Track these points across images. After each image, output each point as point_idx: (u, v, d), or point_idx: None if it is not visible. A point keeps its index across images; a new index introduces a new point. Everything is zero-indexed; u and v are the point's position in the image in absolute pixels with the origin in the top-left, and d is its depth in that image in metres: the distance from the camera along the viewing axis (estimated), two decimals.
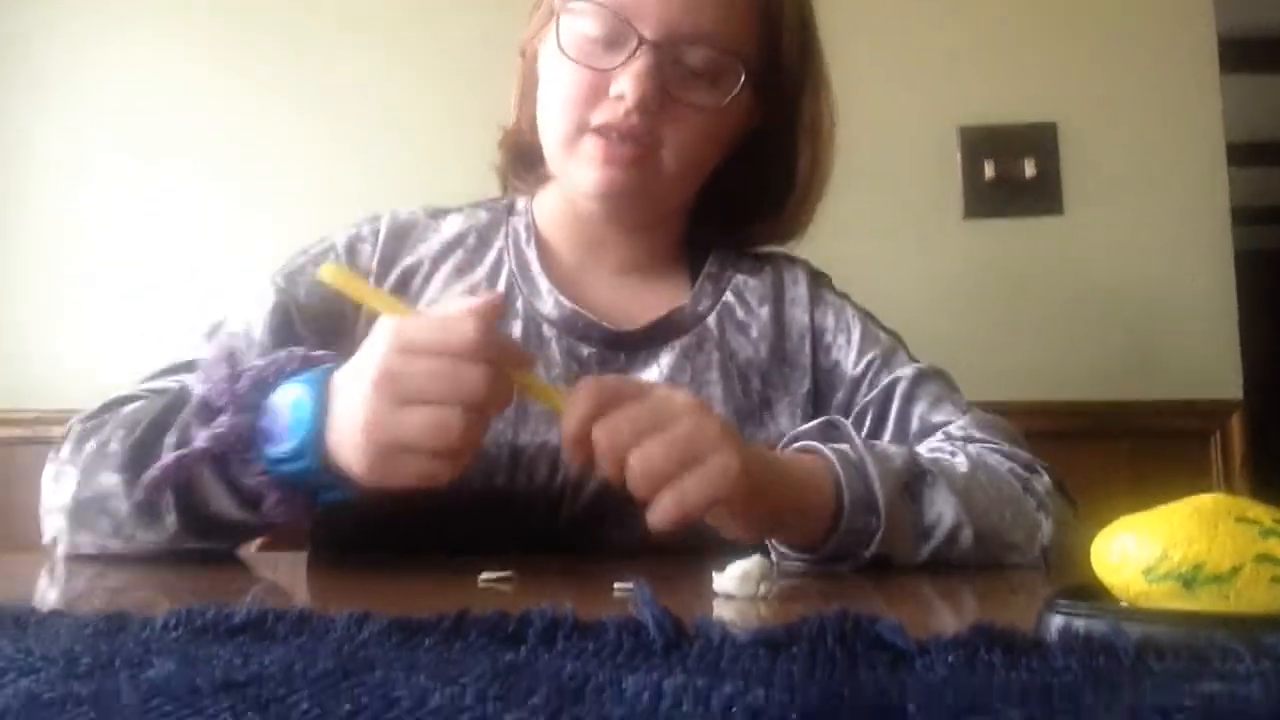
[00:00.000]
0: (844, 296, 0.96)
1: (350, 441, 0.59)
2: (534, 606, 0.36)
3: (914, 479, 0.70)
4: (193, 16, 1.62)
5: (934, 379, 0.88)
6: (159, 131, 1.61)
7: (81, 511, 0.69)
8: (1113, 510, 0.40)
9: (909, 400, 0.86)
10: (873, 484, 0.66)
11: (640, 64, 0.77)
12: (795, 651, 0.32)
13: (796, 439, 0.74)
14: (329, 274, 0.64)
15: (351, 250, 0.88)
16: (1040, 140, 1.51)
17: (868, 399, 0.88)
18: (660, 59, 0.78)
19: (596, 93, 0.80)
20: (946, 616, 0.55)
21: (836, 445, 0.69)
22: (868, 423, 0.87)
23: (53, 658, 0.31)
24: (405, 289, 0.88)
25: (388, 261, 0.88)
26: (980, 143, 1.52)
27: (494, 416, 0.62)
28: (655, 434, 0.59)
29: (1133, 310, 1.48)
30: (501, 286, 0.89)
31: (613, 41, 0.79)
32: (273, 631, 0.36)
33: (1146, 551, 0.37)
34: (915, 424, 0.85)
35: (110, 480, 0.67)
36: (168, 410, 0.67)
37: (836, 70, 1.50)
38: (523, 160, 0.93)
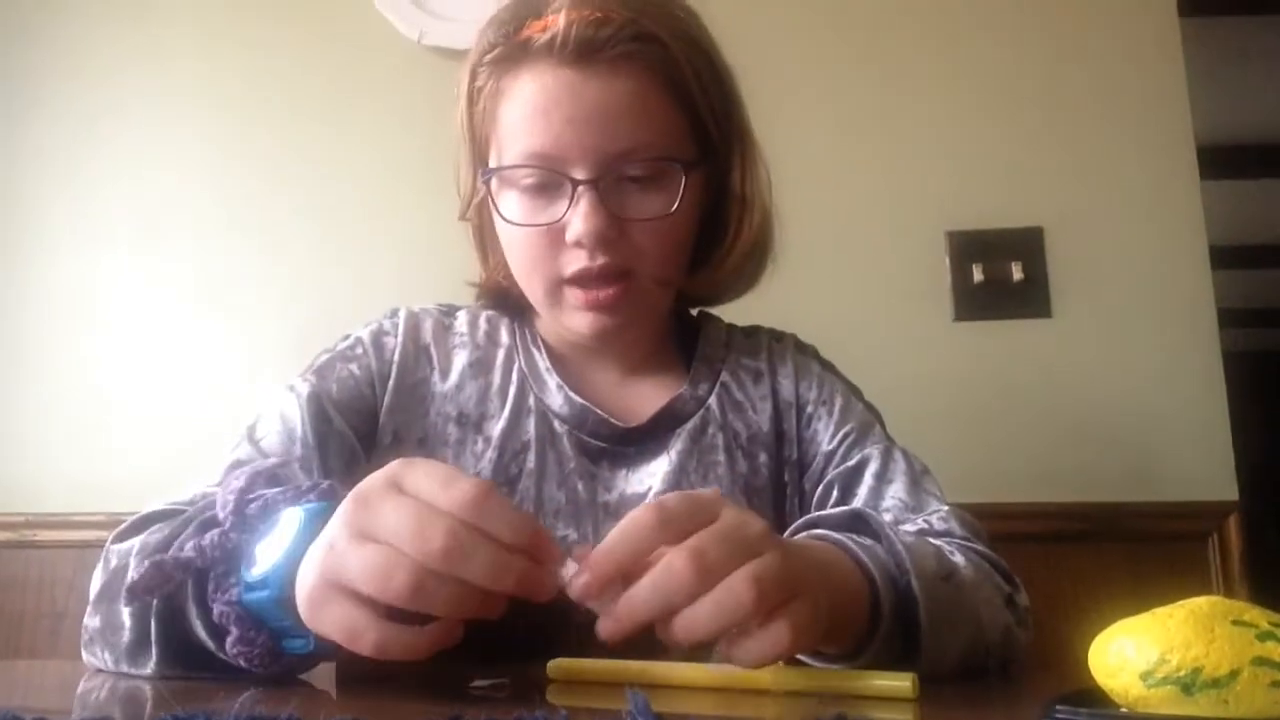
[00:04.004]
0: (829, 368, 0.97)
1: (302, 569, 0.54)
2: (526, 714, 0.35)
3: (948, 575, 0.68)
4: (199, 106, 1.65)
5: (908, 459, 0.88)
6: (159, 223, 1.62)
7: (95, 636, 0.67)
8: (1114, 613, 0.40)
9: (881, 479, 0.86)
10: (916, 597, 0.64)
11: (584, 205, 0.79)
12: None
13: (817, 524, 0.73)
14: (555, 671, 0.63)
15: (377, 344, 0.90)
16: (1027, 244, 1.54)
17: (837, 472, 0.88)
18: (600, 190, 0.80)
19: (556, 245, 0.82)
20: None
21: (865, 541, 0.67)
22: (834, 494, 0.87)
23: None
24: (425, 384, 0.89)
25: (409, 355, 0.90)
26: (968, 246, 1.54)
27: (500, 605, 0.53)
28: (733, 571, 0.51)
29: (1125, 412, 1.49)
30: (515, 382, 0.90)
31: (550, 187, 0.81)
32: None
33: (1144, 655, 0.37)
34: (889, 502, 0.84)
35: (122, 612, 0.64)
36: (177, 534, 0.63)
37: (829, 175, 1.55)
38: (508, 303, 0.95)
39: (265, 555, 0.56)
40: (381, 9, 1.63)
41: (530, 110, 0.80)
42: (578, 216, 0.79)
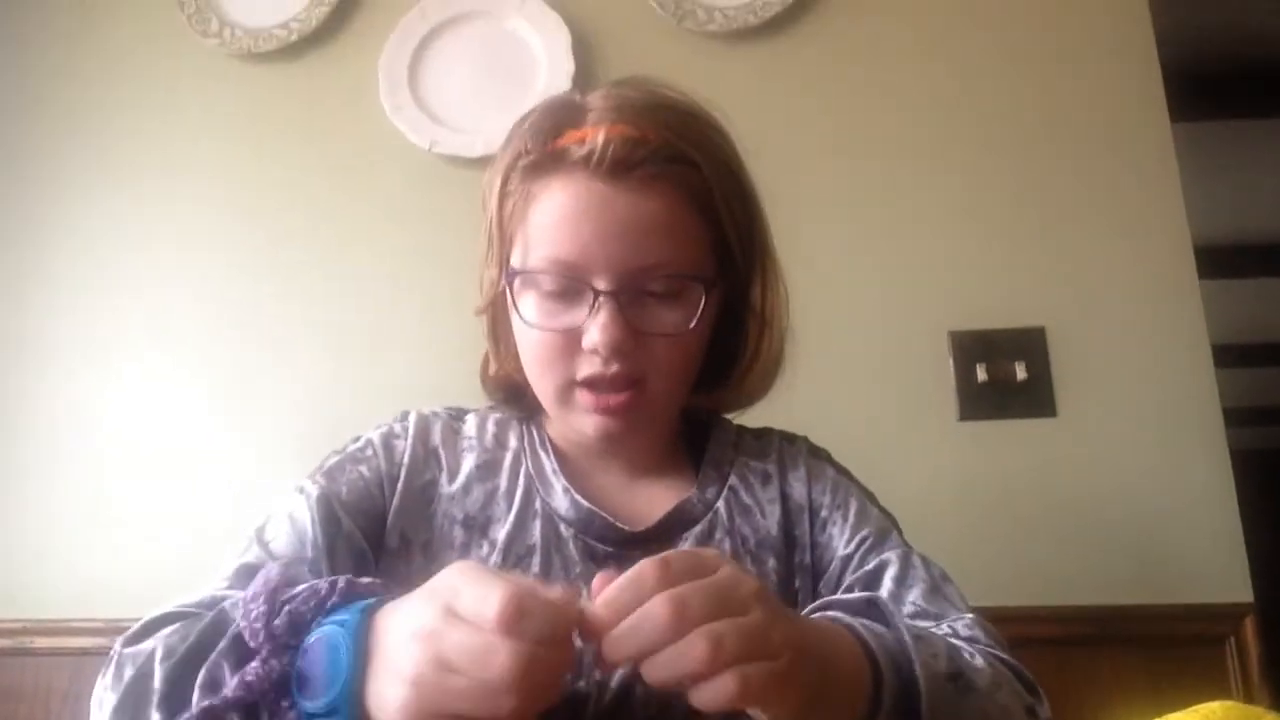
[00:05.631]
0: (844, 472, 0.97)
1: (394, 694, 0.55)
2: None
3: (954, 674, 0.68)
4: (211, 214, 1.69)
5: (928, 566, 0.88)
6: (167, 330, 1.64)
7: None
8: (1134, 719, 0.39)
9: (901, 584, 0.85)
10: (918, 683, 0.64)
11: (604, 315, 0.81)
12: None
13: (831, 606, 0.72)
14: None
15: (387, 446, 0.91)
16: (1030, 344, 1.54)
17: (855, 577, 0.87)
18: (620, 303, 0.81)
19: (571, 349, 0.83)
20: None
21: (875, 627, 0.67)
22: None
23: None
24: (433, 486, 0.89)
25: (418, 458, 0.90)
26: (971, 346, 1.55)
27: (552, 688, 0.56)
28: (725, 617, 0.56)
29: (1133, 511, 1.48)
30: (521, 485, 0.90)
31: (571, 294, 0.83)
32: None
33: None
34: (909, 609, 0.83)
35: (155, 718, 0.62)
36: (202, 641, 0.63)
37: (832, 278, 1.57)
38: (516, 398, 0.96)
39: (323, 680, 0.57)
40: (394, 120, 1.67)
41: (559, 218, 0.82)
42: (596, 325, 0.80)
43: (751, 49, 1.68)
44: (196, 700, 0.59)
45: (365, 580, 0.64)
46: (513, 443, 0.94)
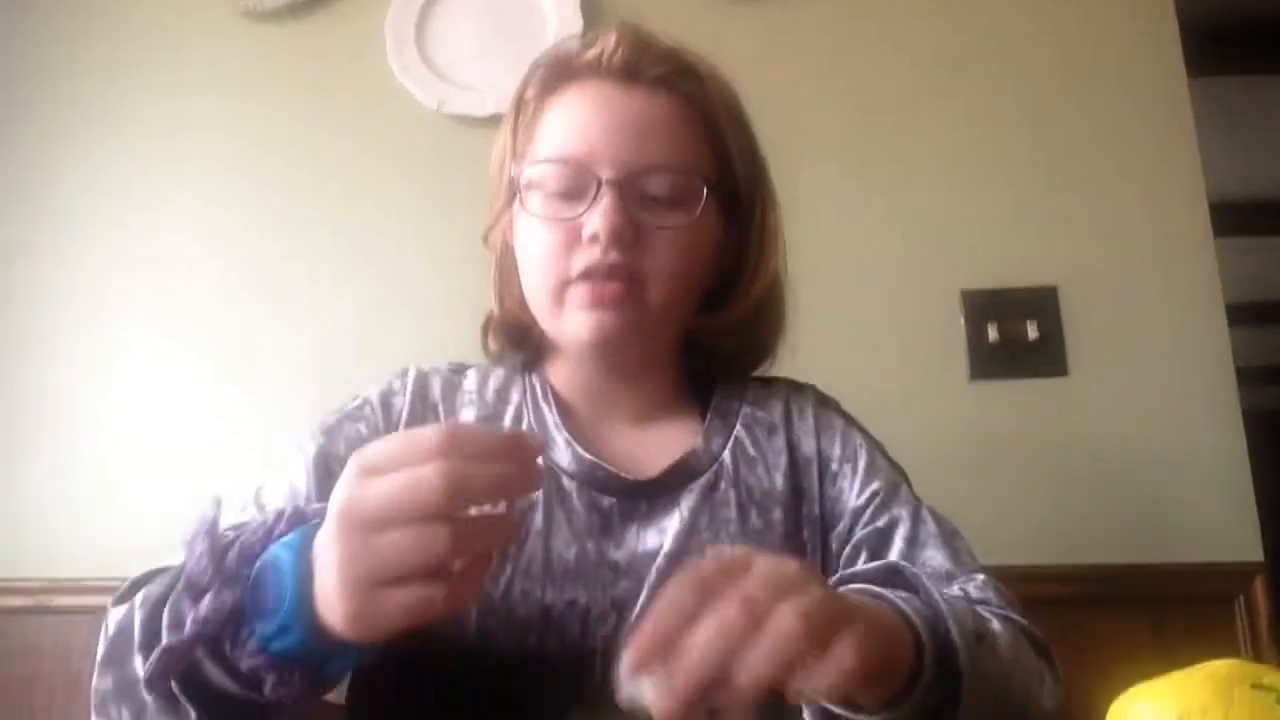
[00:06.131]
0: (852, 422, 0.97)
1: (331, 593, 0.54)
2: None
3: (980, 634, 0.67)
4: (219, 172, 1.68)
5: (939, 521, 0.88)
6: (179, 290, 1.65)
7: (108, 697, 0.66)
8: (1137, 678, 0.39)
9: (913, 543, 0.85)
10: (955, 645, 0.63)
11: (606, 202, 0.82)
12: None
13: (852, 579, 0.71)
14: None
15: (385, 403, 0.91)
16: (1042, 303, 1.54)
17: (864, 534, 0.87)
18: (623, 194, 0.82)
19: (571, 242, 0.83)
20: None
21: (901, 594, 0.66)
22: (863, 556, 0.86)
23: None
24: None
25: (416, 413, 0.91)
26: (983, 306, 1.54)
27: (502, 531, 0.57)
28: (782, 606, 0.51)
29: (1144, 471, 1.48)
30: None
31: (576, 192, 0.84)
32: None
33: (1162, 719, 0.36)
34: (924, 569, 0.82)
35: (138, 665, 0.63)
36: (170, 586, 0.64)
37: (844, 236, 1.56)
38: (516, 340, 0.96)
39: (270, 602, 0.56)
40: (401, 79, 1.66)
41: (569, 117, 0.86)
42: (597, 213, 0.81)
43: (761, 5, 1.66)
44: (164, 639, 0.59)
45: (315, 506, 0.62)
46: (514, 397, 0.94)
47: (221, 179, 1.68)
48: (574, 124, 0.85)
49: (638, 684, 0.50)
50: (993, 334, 1.52)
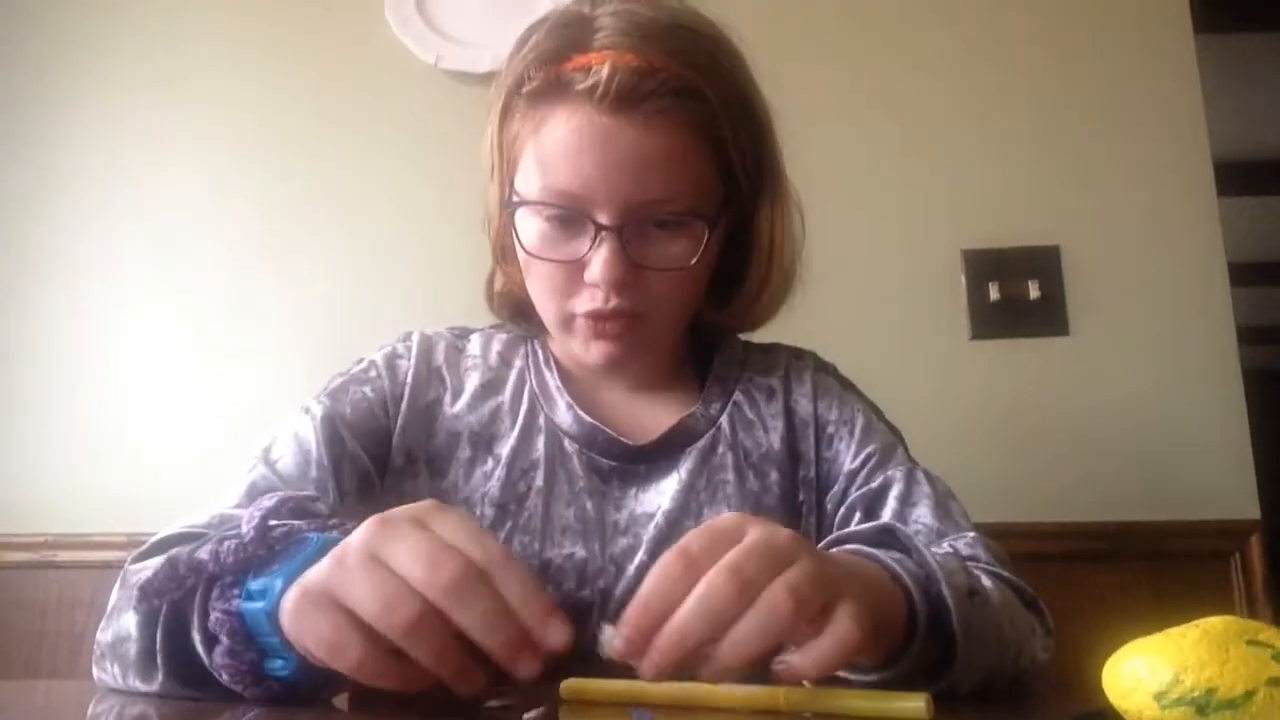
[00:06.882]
0: (850, 387, 0.97)
1: (300, 578, 0.52)
2: None
3: (972, 591, 0.67)
4: (218, 131, 1.67)
5: (932, 482, 0.88)
6: (182, 247, 1.64)
7: (105, 651, 0.66)
8: (1134, 634, 0.40)
9: (905, 502, 0.86)
10: (948, 603, 0.63)
11: (605, 250, 0.80)
12: None
13: (846, 540, 0.71)
14: (567, 691, 0.60)
15: (390, 367, 0.91)
16: (1044, 262, 1.53)
17: (859, 494, 0.88)
18: (622, 238, 0.80)
19: (572, 281, 0.83)
20: None
21: (894, 555, 0.66)
22: (857, 517, 0.87)
23: None
24: (438, 405, 0.90)
25: (421, 377, 0.91)
26: (984, 265, 1.54)
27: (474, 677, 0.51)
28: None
29: (1143, 429, 1.48)
30: (525, 401, 0.91)
31: (573, 225, 0.82)
32: None
33: (1158, 676, 0.36)
34: (914, 526, 0.84)
35: (131, 621, 0.61)
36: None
37: (845, 194, 1.55)
38: (523, 316, 0.95)
39: (276, 563, 0.55)
40: (399, 34, 1.64)
41: (562, 149, 0.80)
42: (598, 261, 0.80)
43: None
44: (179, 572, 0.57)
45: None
46: (517, 361, 0.95)
47: (217, 137, 1.66)
48: (568, 158, 0.79)
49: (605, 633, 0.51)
50: (994, 293, 1.52)
